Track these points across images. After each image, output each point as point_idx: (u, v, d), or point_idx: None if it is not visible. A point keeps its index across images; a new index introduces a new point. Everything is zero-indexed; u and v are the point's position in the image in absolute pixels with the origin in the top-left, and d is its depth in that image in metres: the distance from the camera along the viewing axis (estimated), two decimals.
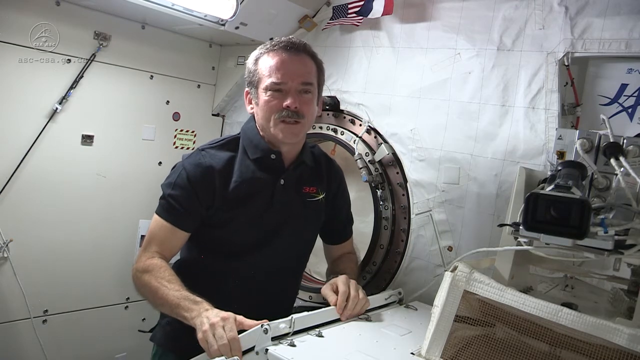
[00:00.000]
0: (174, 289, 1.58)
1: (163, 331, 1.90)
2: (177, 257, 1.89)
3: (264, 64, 1.79)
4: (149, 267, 1.67)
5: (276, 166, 1.85)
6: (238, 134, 1.91)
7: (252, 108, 1.87)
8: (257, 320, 1.46)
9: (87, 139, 2.57)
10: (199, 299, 1.54)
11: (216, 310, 1.48)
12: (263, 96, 1.78)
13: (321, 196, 1.97)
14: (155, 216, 1.79)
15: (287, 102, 1.74)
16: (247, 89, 1.88)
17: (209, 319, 1.42)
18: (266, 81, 1.76)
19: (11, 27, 2.24)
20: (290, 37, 1.85)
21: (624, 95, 1.89)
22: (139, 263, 1.72)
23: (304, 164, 1.92)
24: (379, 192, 2.38)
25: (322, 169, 2.04)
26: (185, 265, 1.87)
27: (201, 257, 1.86)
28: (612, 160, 1.28)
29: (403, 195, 2.35)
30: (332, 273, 2.04)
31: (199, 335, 1.42)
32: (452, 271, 1.40)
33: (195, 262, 1.86)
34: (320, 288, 2.50)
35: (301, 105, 1.76)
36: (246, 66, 1.87)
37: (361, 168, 2.39)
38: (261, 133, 1.84)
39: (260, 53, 1.82)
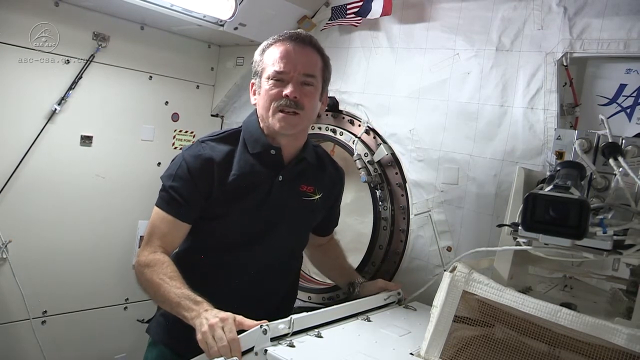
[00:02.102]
0: (175, 287, 1.58)
1: (157, 323, 1.90)
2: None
3: (269, 54, 1.80)
4: (151, 262, 1.67)
5: (276, 162, 1.85)
6: (239, 127, 1.91)
7: (255, 99, 1.87)
8: (256, 318, 1.46)
9: (86, 140, 2.57)
10: (199, 298, 1.53)
11: (215, 311, 1.47)
12: (265, 85, 1.78)
13: (317, 197, 1.96)
14: (156, 209, 1.78)
15: (287, 90, 1.73)
16: (252, 80, 1.88)
17: (208, 320, 1.42)
18: (269, 70, 1.77)
19: (10, 27, 2.24)
20: (299, 29, 1.84)
21: (623, 96, 1.89)
22: (141, 257, 1.71)
23: (305, 160, 1.92)
24: (378, 193, 2.38)
25: (326, 171, 2.04)
26: (182, 259, 1.85)
27: (200, 250, 1.86)
28: (611, 161, 1.29)
29: (402, 195, 2.35)
30: (329, 264, 2.28)
31: (198, 336, 1.42)
32: (451, 271, 1.39)
33: (192, 255, 1.86)
34: (319, 288, 2.54)
35: (301, 96, 1.75)
36: (254, 58, 1.87)
37: (360, 168, 2.39)
38: (262, 125, 1.84)
39: (268, 44, 1.83)
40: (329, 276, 2.37)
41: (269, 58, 1.79)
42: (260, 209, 1.83)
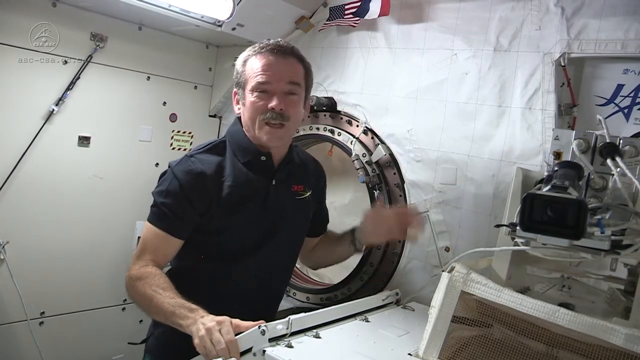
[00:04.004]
0: (168, 297, 1.57)
1: (157, 341, 1.89)
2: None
3: (251, 65, 1.80)
4: (143, 275, 1.66)
5: (267, 167, 1.86)
6: (223, 137, 1.91)
7: (239, 109, 1.87)
8: (254, 320, 1.46)
9: (84, 140, 2.56)
10: (194, 306, 1.52)
11: (212, 316, 1.46)
12: (249, 97, 1.78)
13: (308, 194, 1.99)
14: (148, 224, 1.77)
15: (272, 103, 1.74)
16: (235, 89, 1.88)
17: (205, 324, 1.41)
18: (252, 82, 1.77)
19: (10, 28, 2.23)
20: (279, 39, 1.85)
21: (620, 96, 1.90)
22: (132, 271, 1.70)
23: (292, 162, 1.94)
24: (376, 193, 2.38)
25: (309, 168, 2.07)
26: (181, 272, 1.85)
27: (201, 257, 1.85)
28: (609, 161, 1.29)
29: (400, 196, 2.35)
30: (327, 247, 2.20)
31: (196, 341, 1.41)
32: (449, 272, 1.39)
33: (191, 267, 1.85)
34: (317, 289, 2.53)
35: (286, 106, 1.76)
36: (235, 67, 1.87)
37: (358, 169, 2.39)
38: (248, 134, 1.84)
39: (249, 55, 1.83)
40: (334, 257, 2.22)
41: (251, 70, 1.79)
42: (260, 216, 1.84)
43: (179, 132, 2.98)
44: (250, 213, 1.81)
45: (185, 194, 1.73)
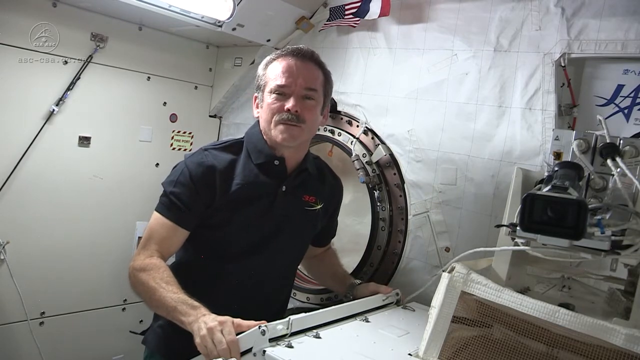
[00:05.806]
0: (172, 291, 1.57)
1: (155, 334, 1.89)
2: (171, 259, 1.88)
3: (272, 68, 1.83)
4: (147, 266, 1.66)
5: (279, 172, 1.86)
6: (242, 137, 1.92)
7: (258, 112, 1.89)
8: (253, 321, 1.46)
9: (84, 141, 2.56)
10: (196, 303, 1.53)
11: (213, 315, 1.47)
12: (267, 99, 1.81)
13: (319, 207, 1.98)
14: (156, 214, 1.78)
15: (289, 104, 1.76)
16: (255, 93, 1.91)
17: (207, 323, 1.42)
18: (271, 84, 1.80)
19: (11, 28, 2.23)
20: (301, 45, 1.88)
21: (620, 96, 1.90)
22: (136, 261, 1.70)
23: (307, 171, 1.94)
24: (376, 193, 2.38)
25: (326, 182, 2.06)
26: (182, 267, 1.86)
27: (201, 256, 1.86)
28: (609, 161, 1.29)
29: (400, 196, 2.35)
30: (324, 272, 2.26)
31: (197, 340, 1.42)
32: (449, 272, 1.39)
33: (192, 264, 1.86)
34: (317, 289, 2.53)
35: (302, 109, 1.78)
36: (257, 72, 1.90)
37: (358, 169, 2.39)
38: (264, 137, 1.85)
39: (271, 59, 1.86)
40: (325, 284, 2.37)
41: (272, 72, 1.82)
42: (263, 219, 1.84)
43: (179, 132, 2.98)
44: (253, 214, 1.82)
45: (194, 184, 1.76)
